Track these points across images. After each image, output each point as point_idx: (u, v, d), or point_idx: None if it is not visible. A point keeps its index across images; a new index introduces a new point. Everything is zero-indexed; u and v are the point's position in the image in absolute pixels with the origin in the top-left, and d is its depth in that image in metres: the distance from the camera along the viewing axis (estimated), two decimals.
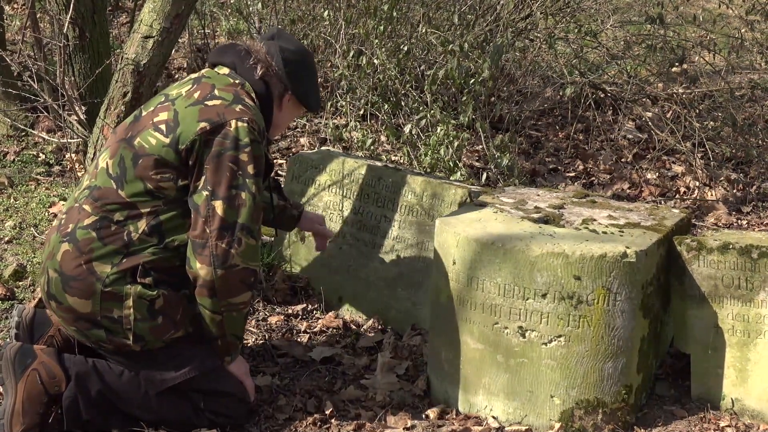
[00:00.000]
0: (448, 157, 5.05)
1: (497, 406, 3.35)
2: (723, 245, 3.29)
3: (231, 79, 3.31)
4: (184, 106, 3.21)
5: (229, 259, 3.09)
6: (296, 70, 3.38)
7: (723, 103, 6.17)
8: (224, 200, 3.09)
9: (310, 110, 3.56)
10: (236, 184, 3.11)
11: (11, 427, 3.12)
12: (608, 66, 6.82)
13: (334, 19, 5.99)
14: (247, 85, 3.30)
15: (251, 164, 3.13)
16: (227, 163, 3.11)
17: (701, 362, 3.44)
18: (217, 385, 3.25)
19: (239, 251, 3.10)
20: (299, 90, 3.40)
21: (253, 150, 3.14)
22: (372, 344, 3.90)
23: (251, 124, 3.15)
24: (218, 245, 3.08)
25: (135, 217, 3.15)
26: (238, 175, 3.11)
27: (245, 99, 3.25)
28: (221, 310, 3.15)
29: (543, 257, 3.15)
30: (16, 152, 5.70)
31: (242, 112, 3.17)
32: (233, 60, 3.35)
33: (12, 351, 3.20)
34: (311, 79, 3.46)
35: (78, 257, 3.14)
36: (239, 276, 3.12)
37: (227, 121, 3.14)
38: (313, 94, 3.48)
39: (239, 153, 3.12)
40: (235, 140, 3.12)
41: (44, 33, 6.20)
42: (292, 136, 5.98)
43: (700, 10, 7.72)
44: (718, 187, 5.66)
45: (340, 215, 4.19)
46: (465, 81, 5.38)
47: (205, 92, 3.25)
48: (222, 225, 3.09)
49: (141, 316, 3.12)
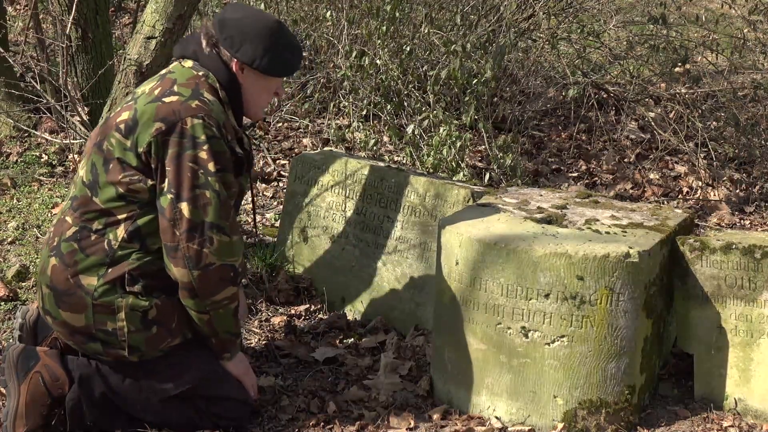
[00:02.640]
0: (451, 157, 5.05)
1: (500, 407, 3.35)
2: (726, 245, 3.29)
3: (194, 72, 3.20)
4: (143, 103, 3.13)
5: (203, 259, 3.04)
6: (235, 34, 3.20)
7: (726, 103, 6.17)
8: (189, 201, 3.03)
9: (270, 74, 3.26)
10: (199, 183, 3.04)
11: (14, 429, 3.12)
12: (611, 66, 6.82)
13: (337, 19, 6.00)
14: (210, 76, 3.20)
15: (212, 161, 3.05)
16: (187, 163, 3.04)
17: (704, 362, 3.44)
18: (218, 390, 3.23)
19: (212, 250, 3.04)
20: (244, 55, 3.19)
21: (213, 146, 3.06)
22: (375, 345, 3.90)
23: (207, 120, 3.06)
24: (190, 247, 3.03)
25: (113, 224, 3.10)
26: (200, 174, 3.04)
27: (204, 93, 3.15)
28: (207, 309, 3.11)
29: (546, 257, 3.15)
30: (19, 153, 5.70)
31: (198, 108, 3.08)
32: (194, 50, 3.25)
33: (15, 353, 3.20)
34: (260, 41, 3.20)
35: (65, 271, 3.11)
36: (217, 274, 3.07)
37: (182, 119, 3.05)
38: (265, 57, 3.20)
39: (198, 151, 3.04)
40: (192, 139, 3.04)
41: (47, 34, 6.21)
42: (295, 137, 5.98)
43: (703, 10, 7.72)
44: (721, 187, 5.65)
45: (342, 216, 4.19)
46: (468, 81, 5.38)
47: (165, 88, 3.16)
48: (190, 226, 3.03)
49: (135, 327, 3.10)
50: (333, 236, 4.23)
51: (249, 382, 3.32)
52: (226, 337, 3.21)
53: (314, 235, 4.29)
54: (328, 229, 4.25)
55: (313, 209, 4.29)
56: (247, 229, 4.83)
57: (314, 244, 4.29)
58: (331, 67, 6.05)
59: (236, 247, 3.12)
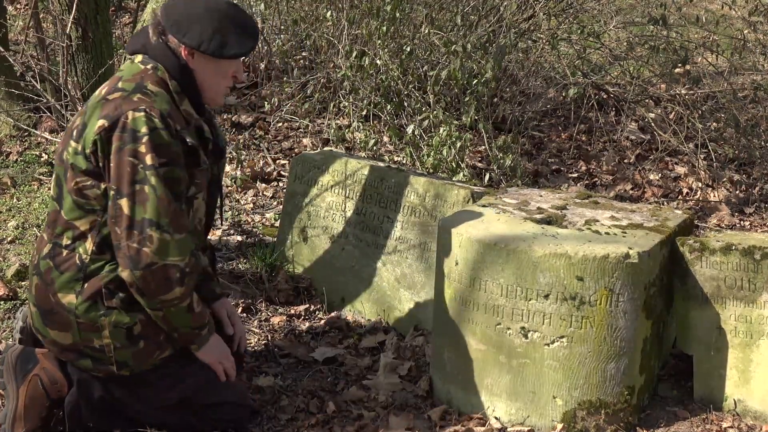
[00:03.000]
0: (451, 157, 5.05)
1: (500, 407, 3.35)
2: (726, 246, 3.29)
3: (142, 66, 3.10)
4: (91, 105, 3.08)
5: (143, 259, 2.93)
6: (181, 19, 3.08)
7: (726, 104, 6.17)
8: (128, 197, 2.93)
9: (219, 57, 3.11)
10: (138, 178, 2.93)
11: (13, 430, 3.11)
12: (611, 67, 6.82)
13: (337, 19, 5.99)
14: (159, 68, 3.09)
15: (151, 154, 2.92)
16: (126, 157, 2.93)
17: (704, 363, 3.44)
18: (215, 397, 3.22)
19: (152, 249, 2.92)
20: (191, 40, 3.07)
21: (154, 139, 2.93)
22: (374, 345, 3.90)
23: (149, 112, 2.95)
24: (129, 246, 2.93)
25: (80, 237, 3.05)
26: (139, 168, 2.92)
27: (148, 86, 3.04)
28: (158, 306, 3.01)
29: (546, 258, 3.15)
30: (19, 152, 5.70)
31: (140, 101, 2.98)
32: (143, 43, 3.15)
33: (14, 355, 3.19)
34: (207, 23, 3.08)
35: (46, 290, 3.07)
36: (160, 274, 2.95)
37: (123, 113, 2.96)
38: (213, 39, 3.08)
39: (137, 145, 2.93)
40: (132, 132, 2.93)
41: (47, 33, 6.21)
42: (295, 137, 5.98)
43: (703, 11, 7.71)
44: (720, 188, 5.65)
45: (342, 216, 4.19)
46: (468, 82, 5.38)
47: (111, 86, 3.09)
48: (129, 224, 2.93)
49: (120, 344, 3.05)
50: (333, 236, 4.23)
51: (223, 367, 3.23)
52: (186, 331, 3.12)
53: (314, 235, 4.29)
54: (327, 229, 4.25)
55: (312, 209, 4.29)
56: (247, 229, 4.83)
57: (314, 244, 4.29)
58: (332, 67, 6.04)
59: (180, 245, 2.97)
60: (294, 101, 6.09)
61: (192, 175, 3.09)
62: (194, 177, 3.10)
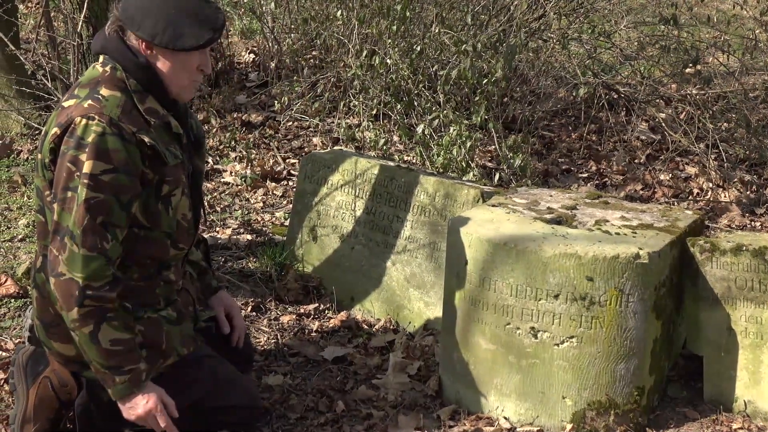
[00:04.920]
0: (461, 157, 5.05)
1: (509, 407, 3.35)
2: (736, 247, 3.28)
3: (100, 69, 2.98)
4: (53, 113, 3.02)
5: (56, 266, 2.83)
6: (135, 12, 2.94)
7: (737, 105, 6.15)
8: (59, 202, 2.85)
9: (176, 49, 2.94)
10: (71, 185, 2.83)
11: (22, 431, 3.11)
12: (622, 67, 6.81)
13: (347, 18, 6.00)
14: (118, 68, 2.96)
15: (92, 162, 2.81)
16: (66, 163, 2.84)
17: (714, 364, 3.43)
18: (223, 401, 3.19)
19: (64, 258, 2.82)
20: (145, 32, 2.92)
21: (100, 145, 2.82)
22: (384, 344, 3.90)
23: (99, 119, 2.83)
24: (51, 250, 2.86)
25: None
26: (75, 176, 2.82)
27: (101, 90, 2.92)
28: (69, 326, 2.87)
29: (555, 258, 3.15)
30: (30, 150, 5.72)
31: (89, 108, 2.87)
32: (102, 43, 3.01)
33: (24, 356, 3.19)
34: (161, 14, 2.92)
35: (45, 303, 3.03)
36: (64, 287, 2.83)
37: (72, 120, 2.86)
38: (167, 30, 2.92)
39: (79, 152, 2.82)
40: (77, 139, 2.83)
41: (58, 32, 6.22)
42: (305, 136, 5.99)
43: (715, 11, 7.70)
44: (731, 189, 5.64)
45: (352, 215, 4.20)
46: (478, 81, 5.37)
47: (69, 93, 3.01)
48: (55, 228, 2.86)
49: None
50: (342, 235, 4.23)
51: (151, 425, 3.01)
52: (98, 367, 2.92)
53: (324, 234, 4.29)
54: (337, 229, 4.25)
55: (322, 208, 4.29)
56: (257, 228, 4.84)
57: (324, 243, 4.29)
58: (342, 67, 6.05)
59: (85, 263, 2.82)
60: (304, 100, 6.10)
61: (162, 174, 2.99)
62: (165, 175, 3.00)
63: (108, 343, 2.86)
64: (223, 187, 5.35)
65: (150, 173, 2.95)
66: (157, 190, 2.99)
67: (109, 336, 2.86)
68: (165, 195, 3.01)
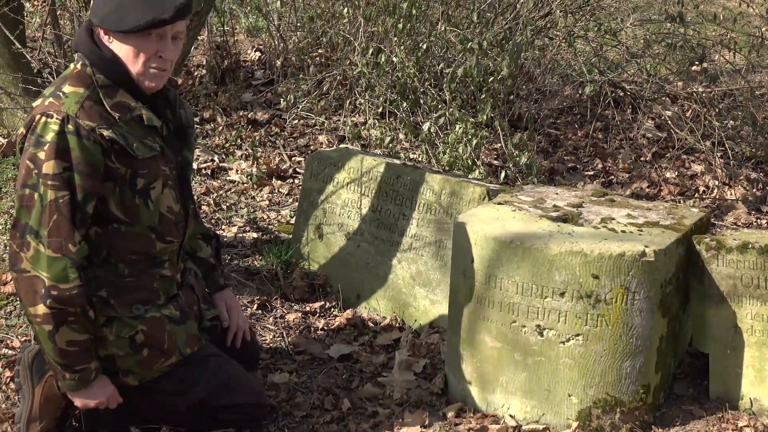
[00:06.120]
0: (467, 155, 5.05)
1: (515, 405, 3.35)
2: (742, 245, 3.28)
3: (72, 66, 2.97)
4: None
5: (18, 262, 2.85)
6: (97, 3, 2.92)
7: (743, 102, 6.14)
8: (18, 198, 2.86)
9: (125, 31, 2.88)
10: (30, 183, 2.84)
11: (28, 430, 3.11)
12: (628, 64, 6.80)
13: (353, 16, 6.00)
14: (87, 66, 2.94)
15: (51, 161, 2.81)
16: (26, 160, 2.85)
17: (720, 362, 3.43)
18: (228, 399, 3.19)
19: (28, 256, 2.83)
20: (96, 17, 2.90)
21: (58, 143, 2.82)
22: (389, 342, 3.90)
23: (57, 116, 2.84)
24: (11, 245, 2.88)
25: None
26: (33, 173, 2.83)
27: (64, 87, 2.91)
28: (29, 319, 2.90)
29: (561, 256, 3.15)
30: None
31: (50, 105, 2.88)
32: (76, 41, 3.01)
33: (30, 355, 3.19)
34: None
35: None
36: (28, 283, 2.84)
37: (34, 118, 2.88)
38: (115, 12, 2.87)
39: (38, 150, 2.83)
40: (37, 137, 2.84)
41: (64, 30, 6.23)
42: (311, 134, 5.99)
43: (721, 8, 7.69)
44: (737, 187, 5.63)
45: (358, 213, 4.20)
46: (484, 79, 5.37)
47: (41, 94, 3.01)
48: (14, 224, 2.88)
49: (123, 352, 3.01)
50: (348, 233, 4.24)
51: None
52: (50, 360, 2.94)
53: (329, 232, 4.30)
54: (343, 227, 4.25)
55: (328, 206, 4.29)
56: (262, 226, 4.84)
57: (329, 241, 4.30)
58: (348, 64, 6.05)
59: (51, 263, 2.83)
60: (310, 98, 6.10)
61: (134, 167, 2.96)
62: (137, 168, 2.96)
63: (64, 343, 2.88)
64: (229, 185, 5.36)
65: (121, 168, 2.93)
66: (132, 184, 2.97)
67: (66, 337, 2.88)
68: (141, 188, 2.99)
